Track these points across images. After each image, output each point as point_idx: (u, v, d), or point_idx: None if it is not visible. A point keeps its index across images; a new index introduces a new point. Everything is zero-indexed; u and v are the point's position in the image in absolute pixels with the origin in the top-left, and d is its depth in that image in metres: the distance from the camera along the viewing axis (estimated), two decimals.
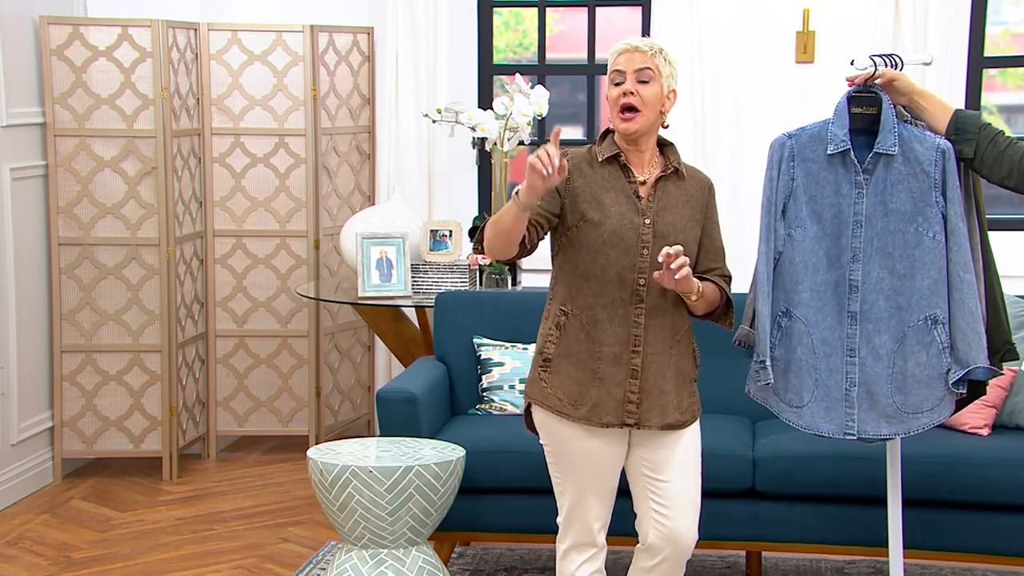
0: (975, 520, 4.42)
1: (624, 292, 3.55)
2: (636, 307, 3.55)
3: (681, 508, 3.62)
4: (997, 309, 3.84)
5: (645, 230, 3.54)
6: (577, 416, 3.59)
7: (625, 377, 3.57)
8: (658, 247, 3.52)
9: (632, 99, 3.52)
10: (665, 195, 3.59)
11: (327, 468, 4.20)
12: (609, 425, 3.58)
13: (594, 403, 3.58)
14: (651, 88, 3.54)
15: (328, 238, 6.55)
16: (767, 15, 6.40)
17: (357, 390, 6.85)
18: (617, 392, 3.57)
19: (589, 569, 3.68)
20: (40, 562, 5.07)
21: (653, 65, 3.54)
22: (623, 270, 3.54)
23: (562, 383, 3.61)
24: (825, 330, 3.82)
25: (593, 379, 3.58)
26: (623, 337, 3.56)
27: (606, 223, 3.54)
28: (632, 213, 3.55)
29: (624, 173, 3.60)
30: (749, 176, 6.17)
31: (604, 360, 3.57)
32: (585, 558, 3.68)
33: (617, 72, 3.56)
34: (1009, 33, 6.68)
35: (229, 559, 5.10)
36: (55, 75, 5.95)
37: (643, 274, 3.54)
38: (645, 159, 3.62)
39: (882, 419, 3.83)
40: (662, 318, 3.57)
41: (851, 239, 3.78)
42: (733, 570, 4.95)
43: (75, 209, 6.04)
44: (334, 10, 6.72)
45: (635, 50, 3.55)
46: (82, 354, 6.11)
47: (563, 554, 3.71)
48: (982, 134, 3.69)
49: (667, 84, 3.57)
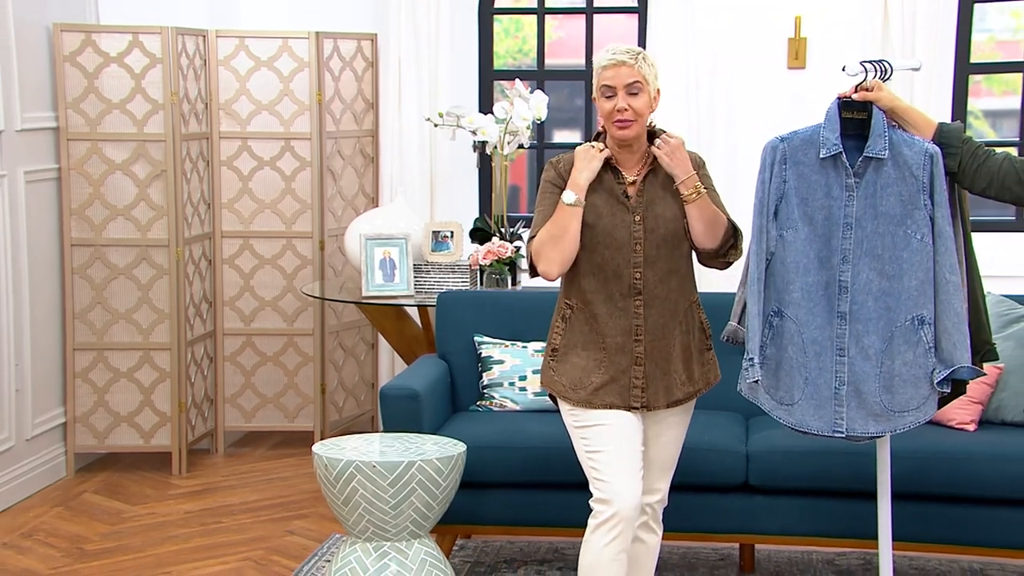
0: (962, 513, 4.43)
1: (622, 287, 3.72)
2: (635, 299, 3.72)
3: (661, 475, 3.88)
4: (979, 310, 3.87)
5: (636, 227, 3.71)
6: (577, 400, 3.76)
7: (630, 364, 3.74)
8: (650, 242, 3.70)
9: (627, 114, 3.67)
10: (653, 188, 3.73)
11: (332, 463, 4.19)
12: (613, 406, 3.73)
13: (596, 387, 3.75)
14: (641, 98, 3.69)
15: (333, 239, 6.57)
16: (760, 22, 6.42)
17: (361, 387, 6.88)
18: (623, 378, 3.75)
19: (616, 548, 3.67)
20: (54, 554, 5.09)
21: (640, 77, 3.68)
22: (619, 266, 3.71)
23: (567, 370, 3.79)
24: (815, 330, 3.83)
25: (599, 366, 3.75)
26: (625, 328, 3.73)
27: (599, 224, 3.72)
28: (623, 212, 3.72)
29: (614, 175, 3.75)
30: (743, 179, 6.12)
31: (609, 349, 3.74)
32: (614, 535, 3.66)
33: (607, 87, 3.68)
34: (994, 40, 6.70)
35: (236, 551, 5.12)
36: (68, 81, 5.98)
37: (638, 268, 3.71)
38: (636, 158, 3.77)
39: (870, 417, 3.84)
40: (661, 305, 3.74)
41: (841, 241, 3.79)
42: (727, 562, 4.96)
43: (87, 211, 6.07)
44: (339, 17, 6.74)
45: (621, 64, 3.67)
46: (94, 352, 6.14)
47: (593, 528, 3.70)
48: (964, 148, 3.75)
49: (653, 88, 3.72)
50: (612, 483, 3.69)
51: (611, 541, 3.68)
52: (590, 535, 3.72)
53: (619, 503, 3.67)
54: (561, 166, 3.81)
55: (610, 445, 3.73)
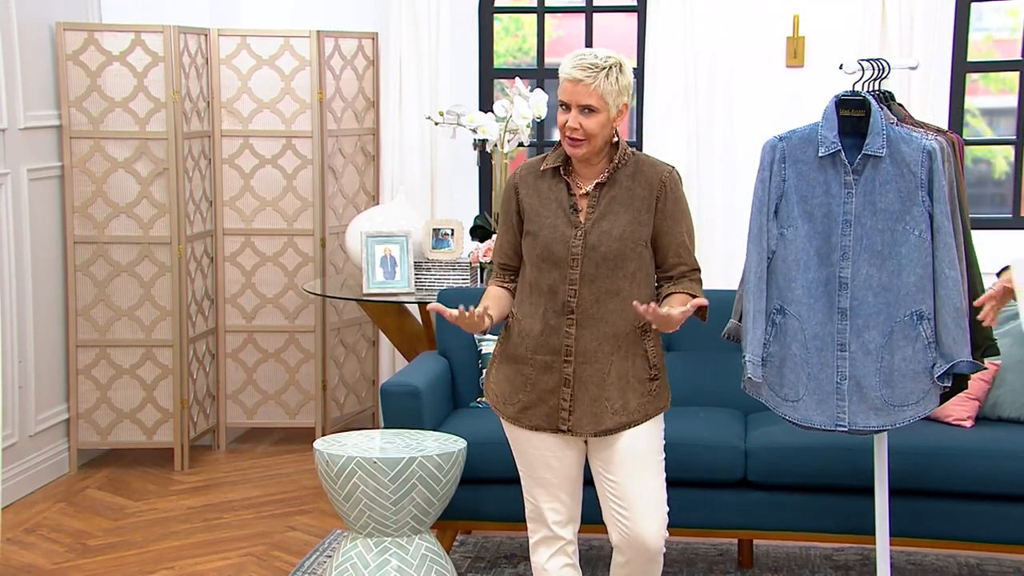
0: (959, 509, 4.45)
1: (556, 304, 3.51)
2: (567, 318, 3.50)
3: (640, 509, 3.52)
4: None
5: (575, 243, 3.48)
6: (507, 415, 3.62)
7: (558, 385, 3.53)
8: (589, 260, 3.47)
9: (577, 134, 3.43)
10: (606, 201, 3.50)
11: (333, 459, 4.21)
12: (539, 429, 3.57)
13: (523, 406, 3.58)
14: (595, 119, 3.42)
15: (334, 237, 6.58)
16: (759, 21, 6.43)
17: (362, 384, 6.88)
18: (550, 399, 3.54)
19: (559, 563, 3.66)
20: (57, 549, 5.10)
21: (595, 98, 3.39)
22: (555, 282, 3.50)
23: (498, 381, 3.65)
24: (816, 326, 3.85)
25: (525, 383, 3.57)
26: (554, 347, 3.52)
27: (540, 236, 3.52)
28: (565, 226, 3.50)
29: (566, 185, 3.53)
30: (742, 178, 6.15)
31: (536, 367, 3.55)
32: (553, 551, 3.66)
33: (562, 100, 3.44)
34: (991, 39, 6.70)
35: (238, 547, 5.14)
36: (71, 79, 5.99)
37: (574, 286, 3.48)
38: (596, 169, 3.53)
39: (871, 412, 3.86)
40: (596, 328, 3.50)
41: (841, 238, 3.81)
42: (725, 558, 4.97)
43: (90, 209, 6.08)
44: (340, 16, 6.74)
45: (577, 83, 3.40)
46: (97, 349, 6.16)
47: (533, 547, 3.70)
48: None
49: (616, 105, 3.44)
50: (538, 507, 3.66)
51: (552, 556, 3.67)
52: (533, 547, 3.71)
53: (545, 529, 3.66)
54: (519, 173, 3.62)
55: (538, 472, 3.62)
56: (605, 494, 3.60)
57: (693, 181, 6.28)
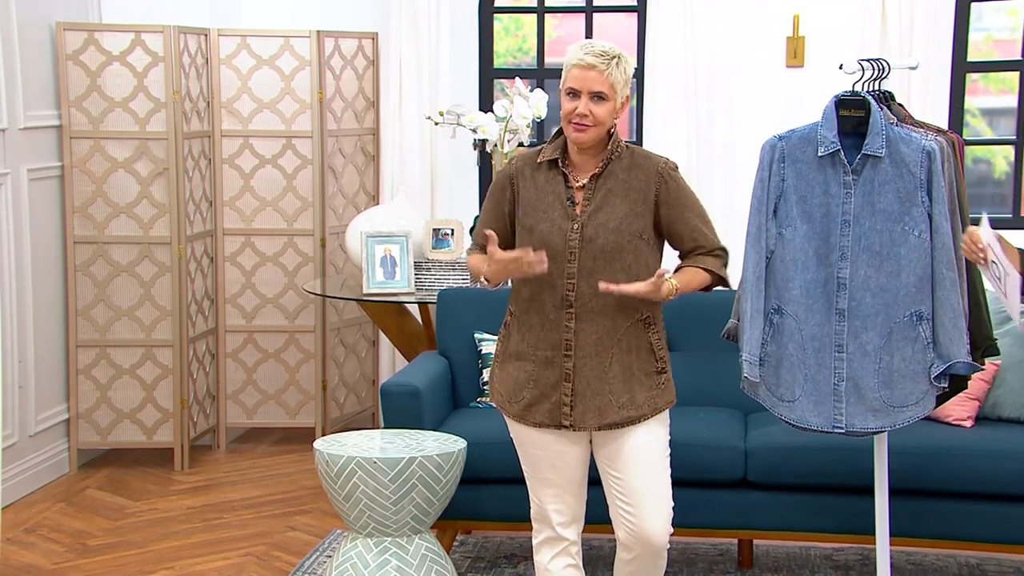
0: (959, 509, 4.45)
1: (554, 298, 3.51)
2: (566, 312, 3.50)
3: (646, 506, 3.53)
4: (979, 306, 3.90)
5: (572, 235, 3.49)
6: (512, 413, 3.62)
7: (559, 380, 3.54)
8: (587, 252, 3.48)
9: (586, 120, 3.45)
10: (602, 193, 3.51)
11: (333, 459, 4.22)
12: (543, 425, 3.57)
13: (528, 403, 3.58)
14: (605, 106, 3.46)
15: (334, 237, 6.59)
16: (759, 20, 6.43)
17: (362, 384, 6.89)
18: (552, 394, 3.55)
19: (562, 563, 3.68)
20: (57, 549, 5.11)
21: (607, 86, 3.44)
22: (553, 276, 3.49)
23: (503, 380, 3.65)
24: (814, 326, 3.85)
25: (528, 379, 3.58)
26: (555, 341, 3.52)
27: (537, 229, 3.52)
28: (562, 219, 3.51)
29: (564, 177, 3.55)
30: (742, 177, 6.05)
31: (538, 363, 3.56)
32: (556, 551, 3.67)
33: (572, 88, 3.47)
34: (991, 39, 6.71)
35: (238, 547, 5.14)
36: (71, 79, 6.00)
37: (572, 279, 3.49)
38: (592, 161, 3.54)
39: (869, 413, 3.86)
40: (596, 321, 3.50)
41: (839, 238, 3.81)
42: (725, 557, 4.98)
43: (90, 208, 6.09)
44: (340, 16, 6.75)
45: (590, 68, 3.44)
46: (97, 349, 6.16)
47: (536, 547, 3.72)
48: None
49: (621, 95, 3.50)
50: (542, 507, 3.67)
51: (555, 556, 3.69)
52: (537, 547, 3.72)
53: (548, 530, 3.67)
54: (515, 164, 3.63)
55: (542, 473, 3.64)
56: (611, 491, 3.61)
57: (693, 181, 6.27)
